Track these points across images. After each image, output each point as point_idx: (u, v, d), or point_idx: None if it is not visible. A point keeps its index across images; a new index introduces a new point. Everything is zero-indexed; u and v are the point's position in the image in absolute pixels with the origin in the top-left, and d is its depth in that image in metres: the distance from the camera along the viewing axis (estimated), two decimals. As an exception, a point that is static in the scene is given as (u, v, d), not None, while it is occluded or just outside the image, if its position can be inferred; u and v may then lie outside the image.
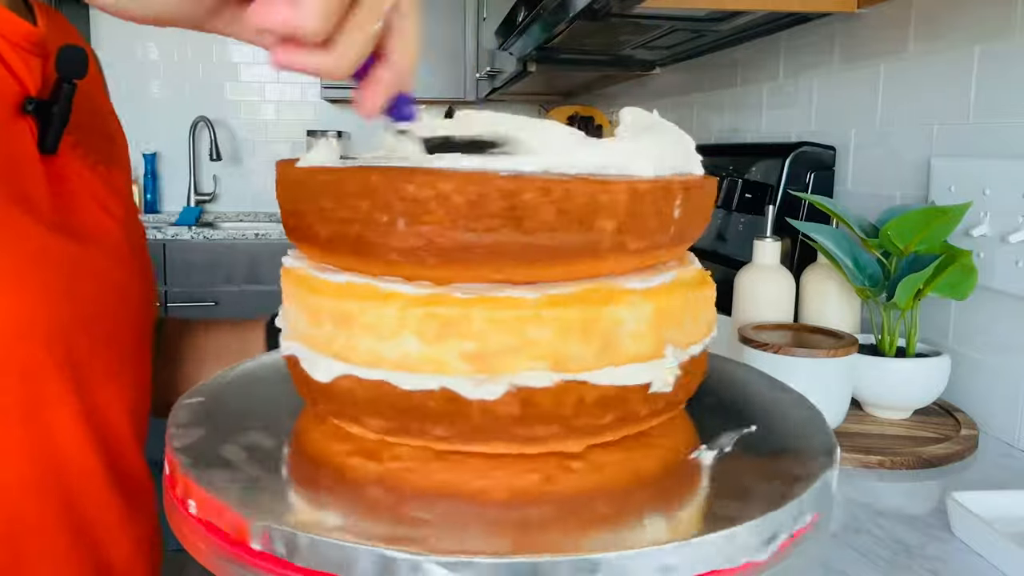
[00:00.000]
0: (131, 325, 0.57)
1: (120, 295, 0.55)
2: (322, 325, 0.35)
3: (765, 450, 0.37)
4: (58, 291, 0.48)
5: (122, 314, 0.55)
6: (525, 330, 0.33)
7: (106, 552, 0.53)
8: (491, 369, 0.33)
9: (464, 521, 0.30)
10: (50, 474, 0.49)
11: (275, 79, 3.33)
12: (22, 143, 0.49)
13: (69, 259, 0.50)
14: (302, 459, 0.36)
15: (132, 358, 0.57)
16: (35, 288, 0.47)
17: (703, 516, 0.32)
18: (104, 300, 0.53)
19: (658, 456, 0.37)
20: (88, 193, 0.54)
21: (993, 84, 0.90)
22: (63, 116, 0.51)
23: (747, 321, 0.91)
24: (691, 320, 0.37)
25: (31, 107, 0.50)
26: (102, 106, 0.62)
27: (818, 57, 1.27)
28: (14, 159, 0.48)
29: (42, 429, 0.48)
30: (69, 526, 0.50)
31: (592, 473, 0.34)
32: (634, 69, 2.02)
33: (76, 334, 0.50)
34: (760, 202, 1.22)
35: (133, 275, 0.57)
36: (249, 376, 0.47)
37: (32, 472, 0.48)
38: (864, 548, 0.60)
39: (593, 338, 0.33)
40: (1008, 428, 0.85)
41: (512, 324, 0.32)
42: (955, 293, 0.83)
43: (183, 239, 2.72)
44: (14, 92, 0.49)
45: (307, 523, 0.29)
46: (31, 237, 0.47)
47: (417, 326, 0.33)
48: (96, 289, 0.52)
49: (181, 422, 0.39)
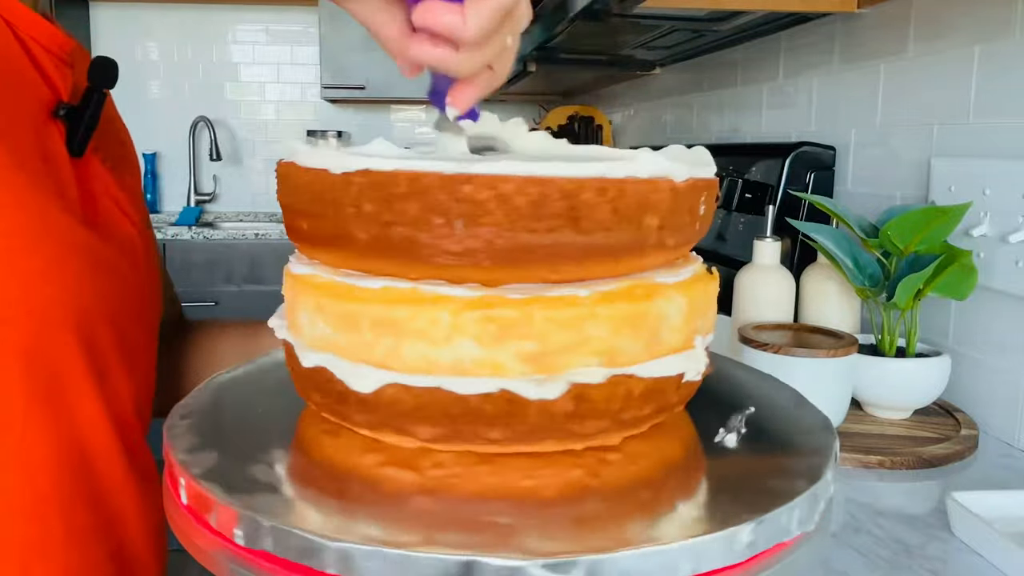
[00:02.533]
0: (143, 324, 0.59)
1: (135, 294, 0.58)
2: (360, 333, 0.34)
3: (763, 449, 0.38)
4: (87, 283, 0.51)
5: (135, 312, 0.58)
6: (582, 327, 0.33)
7: (124, 533, 0.55)
8: (550, 368, 0.33)
9: (529, 522, 0.30)
10: (74, 454, 0.51)
11: (275, 79, 3.33)
12: (55, 144, 0.52)
13: (96, 254, 0.53)
14: (329, 475, 0.35)
15: (143, 354, 0.59)
16: (71, 277, 0.50)
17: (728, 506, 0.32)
18: (122, 296, 0.55)
19: (682, 445, 0.39)
20: (109, 196, 0.57)
21: (993, 84, 0.90)
22: (92, 122, 0.54)
23: (747, 321, 0.91)
24: (711, 312, 0.40)
25: (63, 112, 0.53)
26: (114, 114, 0.65)
27: (818, 57, 1.27)
28: (51, 157, 0.51)
29: (66, 411, 0.50)
30: (92, 506, 0.52)
31: (630, 465, 0.35)
32: (634, 69, 2.02)
33: (98, 324, 0.52)
34: (760, 202, 1.22)
35: (146, 277, 0.60)
36: (246, 380, 0.47)
37: (58, 452, 0.50)
38: (864, 548, 0.60)
39: (642, 332, 0.35)
40: (1008, 428, 0.85)
41: (570, 322, 0.33)
42: (955, 293, 0.83)
43: (183, 239, 2.72)
44: (48, 97, 0.52)
45: (387, 541, 0.28)
46: (70, 229, 0.50)
47: (474, 329, 0.33)
48: (115, 286, 0.55)
49: (181, 432, 0.38)
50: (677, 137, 1.92)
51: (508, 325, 0.32)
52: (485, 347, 0.33)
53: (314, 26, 3.17)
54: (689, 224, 0.37)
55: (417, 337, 0.33)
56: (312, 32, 3.24)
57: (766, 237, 0.95)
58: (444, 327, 0.33)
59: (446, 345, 0.33)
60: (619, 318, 0.34)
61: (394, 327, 0.34)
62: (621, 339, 0.34)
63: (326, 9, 2.99)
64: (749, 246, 0.97)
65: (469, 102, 0.38)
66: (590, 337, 0.33)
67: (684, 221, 0.36)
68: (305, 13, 3.27)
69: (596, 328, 0.33)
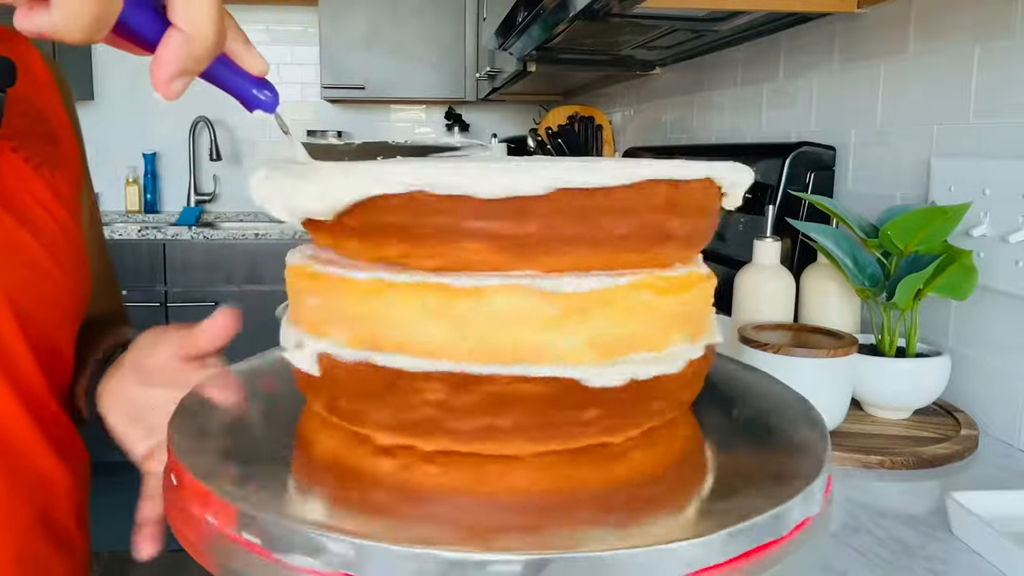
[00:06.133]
0: (60, 315, 0.59)
1: (51, 284, 0.58)
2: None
3: (761, 449, 0.38)
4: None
5: (50, 300, 0.58)
6: (646, 316, 0.35)
7: (50, 504, 0.58)
8: (612, 354, 0.34)
9: (530, 520, 0.31)
10: None
11: (275, 79, 3.32)
12: None
13: (3, 233, 0.53)
14: (330, 471, 0.35)
15: (60, 344, 0.59)
16: None
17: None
18: (33, 283, 0.56)
19: (683, 443, 0.40)
20: (28, 191, 0.57)
21: (993, 84, 0.90)
22: None
23: (747, 321, 0.91)
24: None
25: None
26: (50, 113, 0.63)
27: (818, 57, 1.27)
28: None
29: None
30: (10, 480, 0.55)
31: (632, 462, 0.36)
32: (634, 69, 2.02)
33: (2, 306, 0.53)
34: (760, 202, 1.22)
35: (66, 272, 0.59)
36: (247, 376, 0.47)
37: None
38: (864, 548, 0.60)
39: (691, 317, 0.37)
40: (1008, 428, 0.85)
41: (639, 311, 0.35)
42: (955, 293, 0.83)
43: (183, 239, 2.72)
44: None
45: (387, 539, 0.28)
46: None
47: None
48: (29, 272, 0.55)
49: (182, 429, 0.38)
50: (677, 137, 1.92)
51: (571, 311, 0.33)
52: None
53: (314, 26, 3.17)
54: (714, 220, 0.39)
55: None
56: (312, 32, 3.24)
57: (766, 237, 0.95)
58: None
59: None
60: (673, 305, 0.36)
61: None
62: (674, 326, 0.36)
63: (326, 9, 3.00)
64: (749, 246, 0.97)
65: (163, 77, 0.33)
66: (655, 324, 0.35)
67: (712, 219, 0.39)
68: (305, 13, 3.27)
69: (658, 316, 0.36)
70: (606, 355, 0.33)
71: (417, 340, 0.33)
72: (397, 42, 3.03)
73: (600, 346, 0.33)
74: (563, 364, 0.33)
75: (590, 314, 0.33)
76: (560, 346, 0.33)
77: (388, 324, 0.34)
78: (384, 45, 3.03)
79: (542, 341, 0.33)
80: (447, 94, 3.11)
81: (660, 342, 0.35)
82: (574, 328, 0.33)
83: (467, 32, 3.04)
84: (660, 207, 0.35)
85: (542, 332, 0.33)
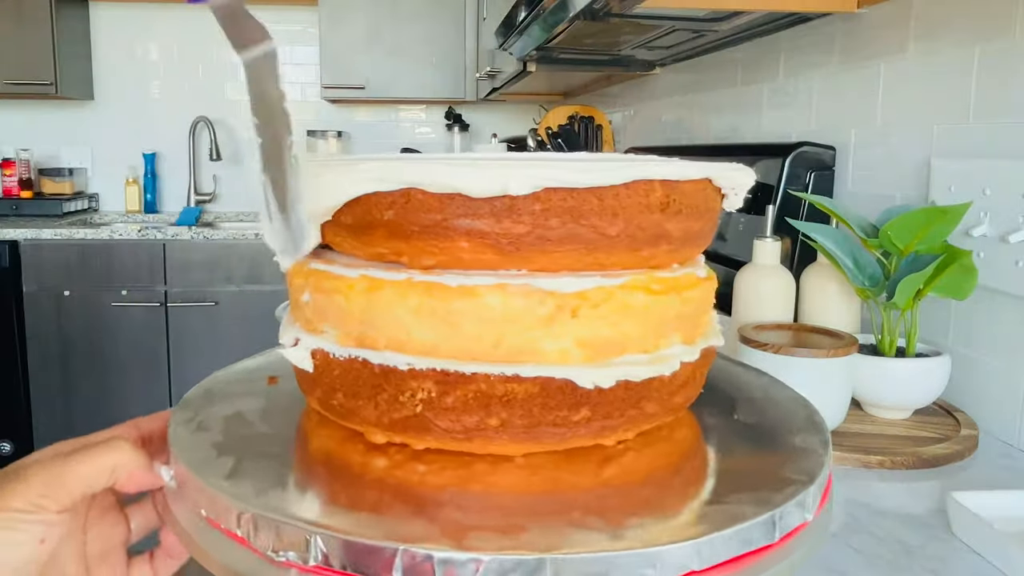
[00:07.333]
0: None
1: None
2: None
3: (761, 452, 0.38)
4: None
5: None
6: (639, 318, 0.35)
7: None
8: (604, 356, 0.34)
9: (531, 520, 0.31)
10: None
11: (275, 79, 3.33)
12: None
13: None
14: (331, 470, 0.35)
15: None
16: None
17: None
18: None
19: (684, 443, 0.40)
20: None
21: (993, 84, 0.90)
22: None
23: (747, 321, 0.91)
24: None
25: None
26: None
27: (818, 57, 1.27)
28: None
29: None
30: None
31: (631, 463, 0.36)
32: (634, 69, 2.02)
33: None
34: (760, 202, 1.22)
35: None
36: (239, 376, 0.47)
37: None
38: (864, 548, 0.60)
39: (686, 320, 0.37)
40: (1008, 428, 0.85)
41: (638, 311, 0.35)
42: (955, 293, 0.82)
43: (183, 239, 2.72)
44: None
45: (388, 537, 0.28)
46: None
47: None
48: None
49: (183, 429, 0.38)
50: (677, 137, 1.92)
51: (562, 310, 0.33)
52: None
53: (314, 26, 3.17)
54: (714, 220, 0.39)
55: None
56: (312, 32, 3.24)
57: (766, 237, 0.95)
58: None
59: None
60: (675, 305, 0.36)
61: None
62: (671, 325, 0.36)
63: (326, 9, 3.00)
64: (749, 246, 0.97)
65: None
66: (649, 324, 0.36)
67: (712, 217, 0.39)
68: (305, 13, 3.27)
69: (660, 314, 0.36)
70: (597, 356, 0.33)
71: (408, 338, 0.33)
72: (397, 42, 3.03)
73: (591, 347, 0.33)
74: (554, 364, 0.33)
75: (581, 314, 0.33)
76: (551, 346, 0.33)
77: (380, 321, 0.34)
78: (384, 45, 3.03)
79: (533, 341, 0.33)
80: (447, 94, 3.11)
81: (653, 344, 0.35)
82: (565, 328, 0.33)
83: (467, 32, 3.04)
84: (653, 207, 0.34)
85: (533, 332, 0.33)
